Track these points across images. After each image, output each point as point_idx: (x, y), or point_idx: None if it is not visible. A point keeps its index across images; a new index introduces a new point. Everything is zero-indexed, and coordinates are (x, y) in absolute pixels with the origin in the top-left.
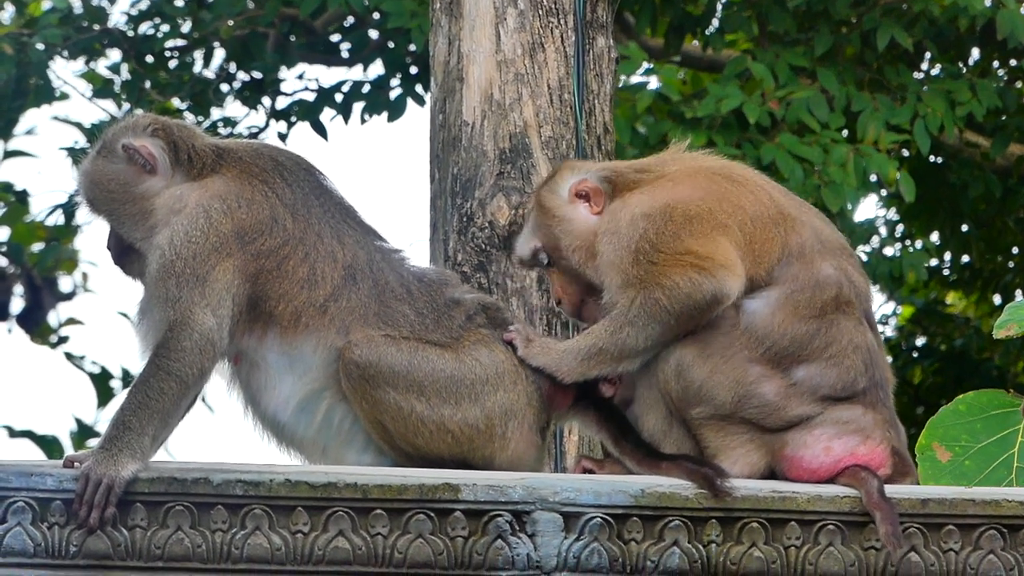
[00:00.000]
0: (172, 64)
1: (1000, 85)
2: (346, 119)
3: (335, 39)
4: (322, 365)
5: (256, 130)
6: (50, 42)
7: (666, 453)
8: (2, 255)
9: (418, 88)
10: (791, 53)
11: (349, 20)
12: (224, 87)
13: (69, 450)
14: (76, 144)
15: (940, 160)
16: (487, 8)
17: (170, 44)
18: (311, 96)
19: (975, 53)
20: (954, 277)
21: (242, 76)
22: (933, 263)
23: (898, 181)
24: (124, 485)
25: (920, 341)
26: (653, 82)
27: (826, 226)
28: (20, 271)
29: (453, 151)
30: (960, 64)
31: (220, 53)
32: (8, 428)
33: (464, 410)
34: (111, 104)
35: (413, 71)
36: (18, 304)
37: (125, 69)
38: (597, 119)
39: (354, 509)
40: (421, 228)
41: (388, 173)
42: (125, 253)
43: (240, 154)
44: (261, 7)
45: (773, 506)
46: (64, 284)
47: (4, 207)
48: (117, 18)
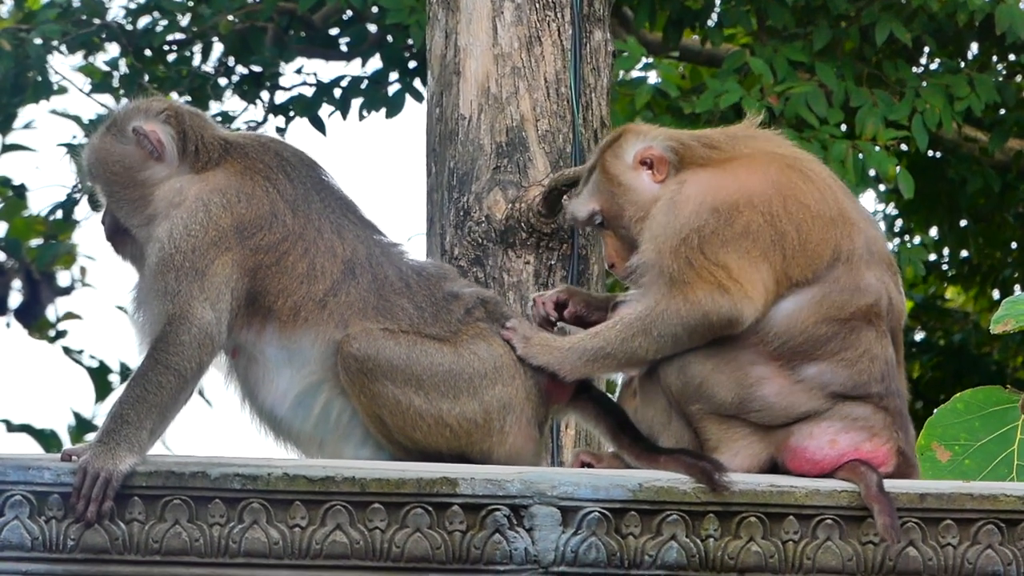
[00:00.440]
0: (170, 58)
1: (999, 80)
2: (344, 115)
3: (333, 32)
4: (320, 359)
5: (254, 124)
6: (48, 37)
7: (664, 447)
8: (0, 249)
9: (416, 83)
10: (789, 48)
11: (347, 14)
12: (222, 81)
13: (67, 444)
14: (74, 139)
15: (939, 155)
16: (484, 2)
17: (169, 38)
18: (309, 91)
19: (974, 48)
20: (953, 272)
21: (240, 70)
22: (932, 258)
23: (897, 177)
24: (122, 479)
25: (919, 336)
26: (652, 77)
27: (880, 237)
28: (18, 265)
29: (450, 145)
30: (959, 59)
31: (219, 48)
32: (6, 422)
33: (462, 404)
34: (110, 99)
35: (411, 65)
36: (16, 298)
37: (123, 63)
38: (594, 113)
39: (352, 503)
40: (418, 222)
41: (385, 167)
42: (118, 232)
43: (246, 149)
44: (260, 2)
45: (771, 500)
46: (62, 278)
47: (2, 202)
48: (116, 12)
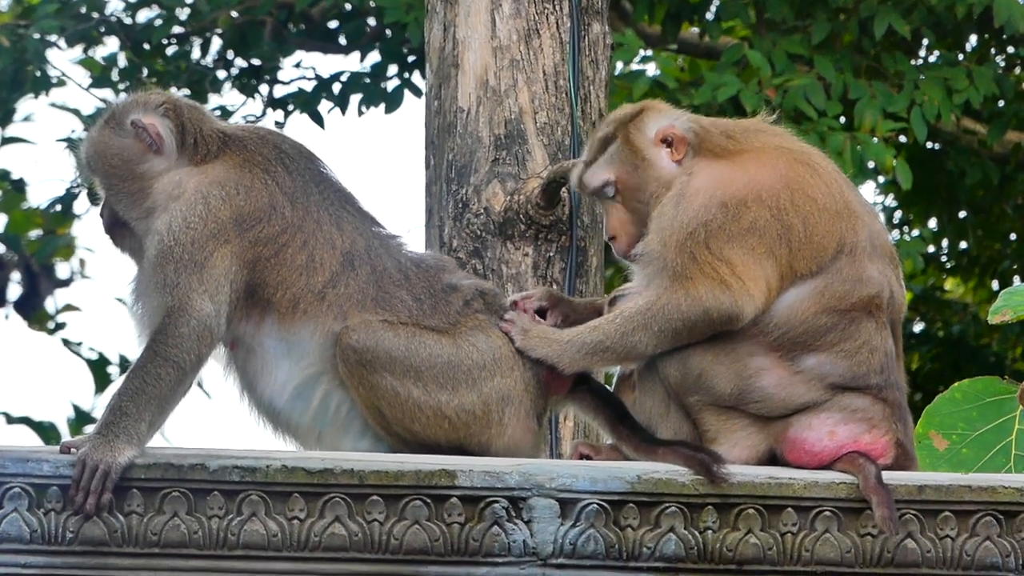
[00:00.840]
0: (169, 51)
1: (997, 72)
2: (343, 110)
3: (332, 26)
4: (319, 351)
5: (253, 119)
6: (47, 32)
7: (663, 439)
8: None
9: (415, 78)
10: (788, 41)
11: (346, 7)
12: (221, 74)
13: (66, 436)
14: (73, 132)
15: (937, 147)
16: None
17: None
18: (308, 85)
19: (972, 40)
20: (952, 263)
21: (239, 63)
22: (931, 250)
23: (895, 169)
24: (120, 471)
25: (918, 327)
26: (651, 69)
27: (883, 231)
28: (17, 258)
29: (448, 137)
30: (957, 51)
31: (217, 42)
32: (5, 414)
33: (461, 396)
34: (109, 93)
35: (410, 60)
36: (15, 290)
37: (122, 57)
38: (592, 105)
39: (351, 495)
40: (416, 215)
41: (384, 160)
42: (117, 225)
43: (245, 142)
44: None
45: (769, 492)
46: (61, 270)
47: (1, 194)
48: (115, 6)
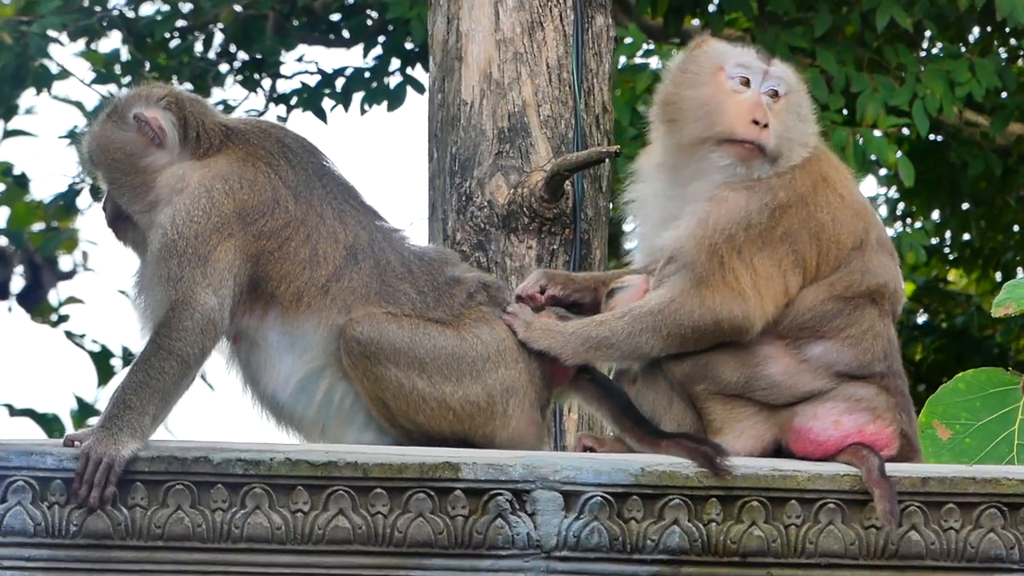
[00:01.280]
0: (172, 46)
1: (1000, 64)
2: (346, 107)
3: (335, 19)
4: (323, 344)
5: (255, 114)
6: (48, 27)
7: (666, 431)
8: (2, 234)
9: (417, 73)
10: (790, 34)
11: (348, 0)
12: (224, 68)
13: (69, 428)
14: (75, 128)
15: (940, 139)
16: None
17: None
18: (311, 79)
19: (975, 32)
20: (955, 255)
21: (242, 56)
22: (934, 241)
23: (897, 164)
24: (124, 464)
25: (921, 319)
26: (654, 62)
27: (883, 228)
28: (20, 251)
29: (452, 130)
30: (960, 44)
31: (220, 36)
32: (8, 407)
33: (465, 387)
34: (111, 88)
35: (413, 54)
36: (18, 283)
37: (125, 51)
38: (596, 98)
39: (354, 488)
40: (420, 208)
41: (386, 154)
42: (119, 218)
43: (247, 135)
44: None
45: (773, 484)
46: (64, 263)
47: (3, 188)
48: (118, 0)
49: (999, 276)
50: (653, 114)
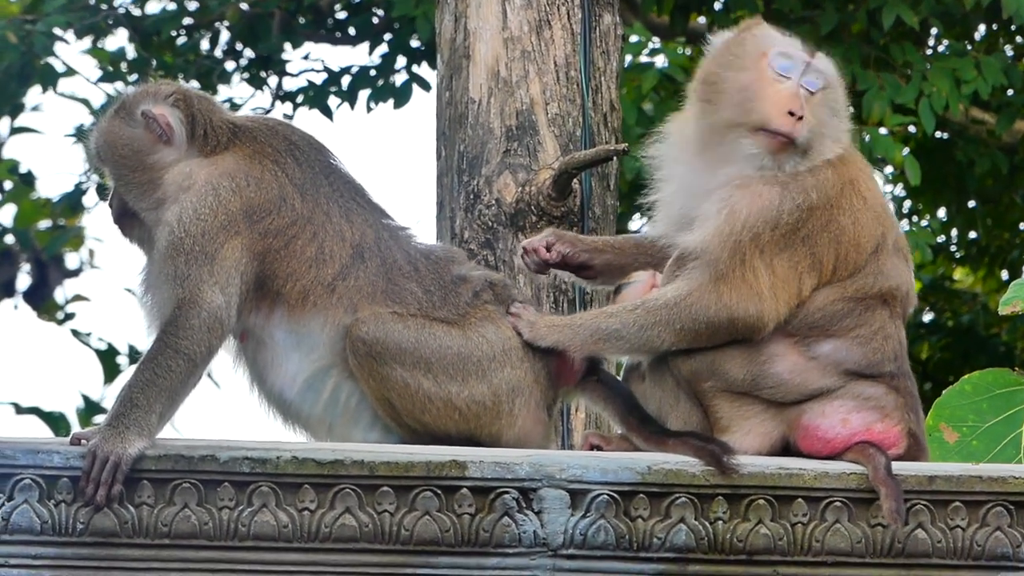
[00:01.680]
0: (178, 43)
1: (1006, 62)
2: (352, 105)
3: (342, 17)
4: (329, 343)
5: (262, 111)
6: (54, 26)
7: (673, 430)
8: (8, 232)
9: (423, 71)
10: (796, 32)
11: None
12: (230, 65)
13: (76, 426)
14: (82, 125)
15: (946, 137)
16: None
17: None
18: (317, 77)
19: (981, 30)
20: (961, 253)
21: (248, 54)
22: (940, 239)
23: (904, 164)
24: (131, 462)
25: (927, 317)
26: (660, 60)
27: (900, 231)
28: (27, 248)
29: (459, 128)
30: (966, 41)
31: (226, 34)
32: (15, 405)
33: (471, 387)
34: (118, 86)
35: (419, 52)
36: (24, 281)
37: (131, 49)
38: (603, 96)
39: (361, 486)
40: (427, 206)
41: (393, 152)
42: (126, 215)
43: (255, 133)
44: None
45: (780, 483)
46: (70, 261)
47: (10, 186)
48: None
49: (1005, 274)
50: (691, 89)
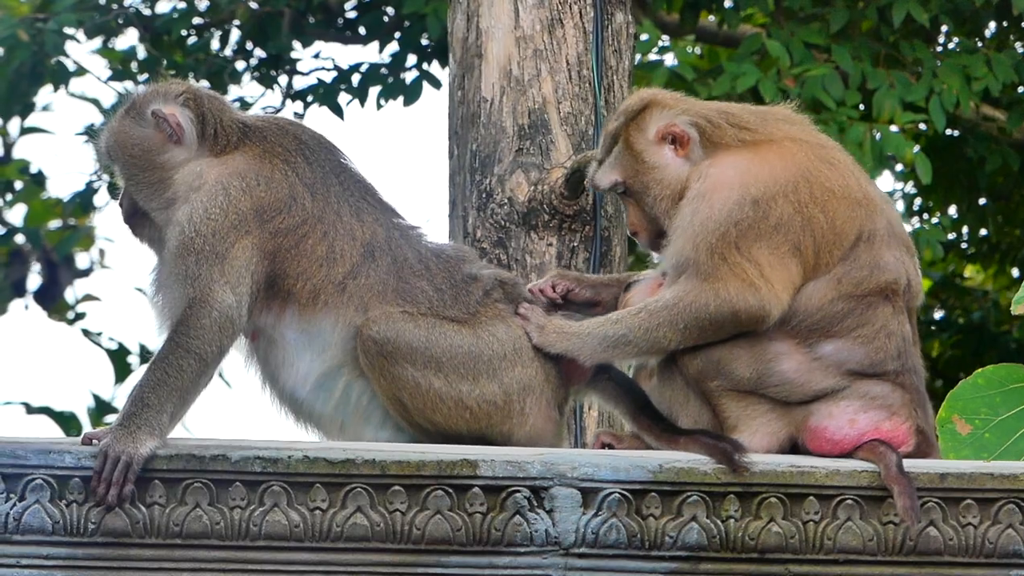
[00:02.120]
0: (188, 43)
1: (1017, 59)
2: (362, 102)
3: (352, 16)
4: (340, 342)
5: (272, 111)
6: (64, 25)
7: (684, 428)
8: (19, 232)
9: (434, 68)
10: (806, 30)
11: None
12: (240, 65)
13: (87, 426)
14: (93, 125)
15: (957, 134)
16: None
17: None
18: (327, 76)
19: (991, 27)
20: (972, 250)
21: (259, 53)
22: (951, 236)
23: (915, 162)
24: (142, 462)
25: (938, 314)
26: (669, 58)
27: (899, 220)
28: (37, 248)
29: (472, 127)
30: (976, 38)
31: (236, 33)
32: (26, 404)
33: (482, 386)
34: (128, 86)
35: (429, 50)
36: (35, 281)
37: (141, 49)
38: (616, 95)
39: (372, 485)
40: (440, 205)
41: (405, 150)
42: (136, 215)
43: (265, 132)
44: None
45: (792, 481)
46: (81, 260)
47: (21, 185)
48: None
49: (1016, 272)
50: None
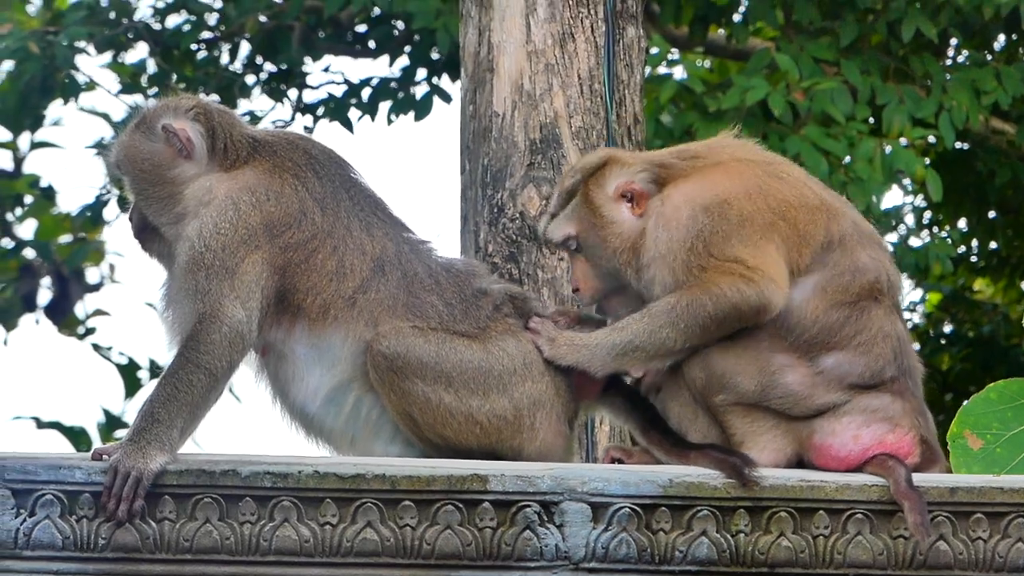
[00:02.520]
0: (198, 57)
1: None
2: (372, 117)
3: (361, 30)
4: (350, 357)
5: (282, 124)
6: (75, 38)
7: (694, 442)
8: (29, 246)
9: (444, 83)
10: (816, 45)
11: (375, 11)
12: (250, 79)
13: (97, 441)
14: (102, 140)
15: (966, 148)
16: None
17: (197, 37)
18: (337, 90)
19: (1001, 40)
20: (982, 264)
21: (269, 67)
22: (961, 250)
23: (925, 177)
24: (152, 477)
25: (948, 328)
26: (678, 72)
27: (862, 219)
28: (48, 263)
29: (484, 142)
30: (985, 51)
31: (246, 47)
32: (36, 419)
33: (492, 401)
34: (138, 99)
35: (439, 64)
36: (45, 295)
37: (151, 63)
38: (627, 109)
39: (383, 500)
40: (451, 219)
41: (415, 164)
42: (146, 229)
43: (275, 147)
44: (286, 1)
45: (801, 495)
46: (91, 275)
47: (31, 200)
48: (143, 12)
49: None
50: None
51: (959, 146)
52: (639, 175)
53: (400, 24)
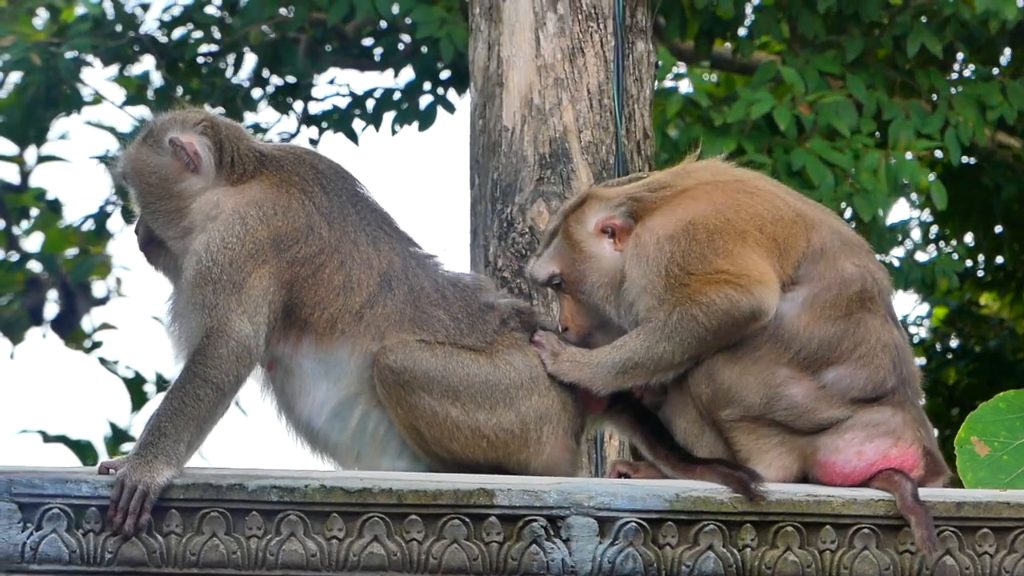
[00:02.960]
0: (204, 69)
1: None
2: (377, 128)
3: (367, 43)
4: (357, 371)
5: (287, 136)
6: (80, 50)
7: (700, 457)
8: (35, 259)
9: (450, 94)
10: (821, 59)
11: (381, 24)
12: (256, 92)
13: (103, 455)
14: (107, 152)
15: (973, 162)
16: (527, 13)
17: (202, 50)
18: (342, 101)
19: (1007, 54)
20: (988, 278)
21: (274, 80)
22: (967, 265)
23: (930, 189)
24: (159, 491)
25: (954, 343)
26: (684, 85)
27: (843, 225)
28: (54, 277)
29: (493, 156)
30: (991, 66)
31: (251, 59)
32: (43, 433)
33: (499, 415)
34: (143, 111)
35: (444, 76)
36: (52, 309)
37: (157, 76)
38: (637, 124)
39: (389, 515)
40: (461, 234)
41: (422, 177)
42: (152, 243)
43: (281, 161)
44: (291, 13)
45: (808, 510)
46: (97, 289)
47: (37, 213)
48: (149, 25)
49: None
50: None
51: (965, 160)
52: (618, 209)
53: (406, 37)
